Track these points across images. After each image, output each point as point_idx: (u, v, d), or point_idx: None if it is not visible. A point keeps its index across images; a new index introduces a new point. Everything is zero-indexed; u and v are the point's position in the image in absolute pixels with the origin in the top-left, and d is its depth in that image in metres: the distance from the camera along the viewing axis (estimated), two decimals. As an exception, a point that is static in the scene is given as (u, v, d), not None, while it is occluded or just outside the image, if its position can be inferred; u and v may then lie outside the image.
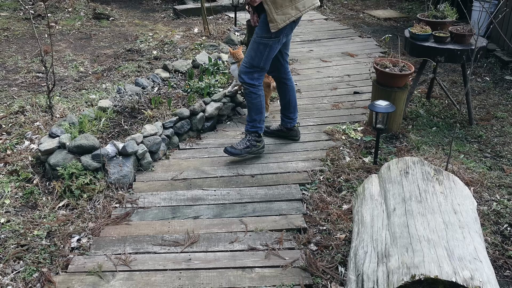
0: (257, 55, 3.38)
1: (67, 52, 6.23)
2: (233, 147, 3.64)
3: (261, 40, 3.35)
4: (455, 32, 4.25)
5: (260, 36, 3.35)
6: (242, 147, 3.63)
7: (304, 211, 3.13)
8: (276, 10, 3.22)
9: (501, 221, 3.06)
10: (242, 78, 3.48)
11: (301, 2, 3.32)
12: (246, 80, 3.46)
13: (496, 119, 4.61)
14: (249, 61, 3.42)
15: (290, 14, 3.28)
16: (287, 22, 3.28)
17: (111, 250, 2.80)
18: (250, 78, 3.46)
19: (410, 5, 8.86)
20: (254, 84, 3.49)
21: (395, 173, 2.57)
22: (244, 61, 3.47)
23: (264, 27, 3.32)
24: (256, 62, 3.40)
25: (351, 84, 5.38)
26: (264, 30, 3.33)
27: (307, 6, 3.37)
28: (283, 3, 3.24)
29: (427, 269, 1.80)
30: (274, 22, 3.24)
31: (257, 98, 3.53)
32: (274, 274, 2.60)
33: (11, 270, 2.66)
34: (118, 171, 3.38)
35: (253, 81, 3.47)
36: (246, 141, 3.65)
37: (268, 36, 3.33)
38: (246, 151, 3.63)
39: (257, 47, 3.37)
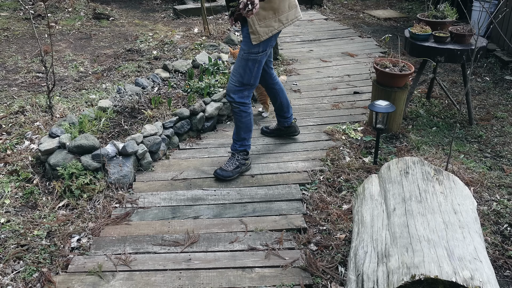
0: (247, 72, 3.23)
1: (67, 52, 6.23)
2: (223, 169, 3.49)
3: (249, 56, 3.20)
4: (455, 32, 4.25)
5: (248, 52, 3.19)
6: (232, 168, 3.49)
7: (304, 211, 3.14)
8: (259, 22, 3.09)
9: (501, 221, 3.06)
10: (232, 98, 3.31)
11: (284, 14, 3.20)
12: (236, 99, 3.30)
13: (496, 119, 4.61)
14: (239, 79, 3.25)
15: (273, 26, 3.15)
16: (270, 35, 3.16)
17: (111, 250, 2.80)
18: (240, 97, 3.31)
19: (410, 5, 8.86)
20: (245, 103, 3.34)
21: (395, 173, 2.57)
22: (233, 80, 3.28)
23: (251, 42, 3.18)
24: (246, 79, 3.25)
25: (351, 84, 5.38)
26: (251, 45, 3.19)
27: (290, 19, 3.25)
28: (267, 15, 3.11)
29: (427, 269, 1.80)
30: (256, 34, 3.11)
31: (247, 116, 3.39)
32: (274, 274, 2.60)
33: (11, 270, 2.66)
34: (118, 171, 3.38)
35: (243, 99, 3.32)
36: (235, 161, 3.51)
37: (256, 51, 3.19)
38: (236, 171, 3.50)
39: (246, 64, 3.21)
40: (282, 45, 6.57)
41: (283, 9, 3.18)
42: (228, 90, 3.33)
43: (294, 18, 3.28)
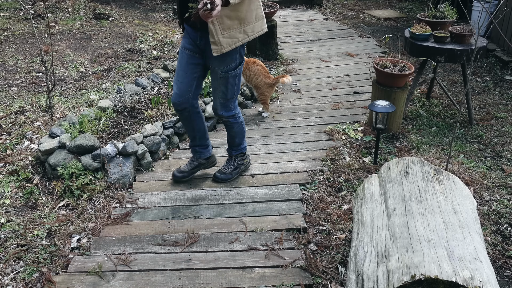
0: (229, 89, 3.09)
1: (67, 52, 6.23)
2: (222, 172, 3.47)
3: (229, 74, 3.02)
4: (455, 32, 4.25)
5: (226, 69, 2.99)
6: (231, 170, 3.47)
7: (304, 211, 3.13)
8: (223, 32, 2.80)
9: (501, 221, 3.06)
10: (221, 115, 3.21)
11: (250, 26, 2.92)
12: (225, 114, 3.21)
13: (496, 119, 4.61)
14: (223, 96, 3.12)
15: (238, 38, 2.88)
16: (233, 47, 2.88)
17: (111, 250, 2.79)
18: (228, 111, 3.20)
19: (410, 5, 8.86)
20: (234, 114, 3.25)
21: (395, 173, 2.57)
22: (217, 99, 3.15)
23: (227, 60, 2.95)
24: (230, 95, 3.13)
25: (351, 84, 5.38)
26: (228, 62, 2.97)
27: (256, 31, 2.98)
28: (232, 25, 2.82)
29: (427, 269, 1.80)
30: (218, 45, 2.81)
31: (239, 125, 3.33)
32: (274, 274, 2.60)
33: (11, 270, 2.66)
34: (118, 171, 3.38)
35: (232, 111, 3.22)
36: (233, 163, 3.49)
37: (234, 66, 3.01)
38: (236, 172, 3.49)
39: (227, 82, 3.05)
40: (282, 45, 6.57)
41: (249, 19, 2.91)
42: (214, 109, 3.23)
43: (260, 30, 3.02)
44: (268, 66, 5.60)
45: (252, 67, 4.47)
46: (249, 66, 4.48)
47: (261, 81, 4.47)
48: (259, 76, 4.46)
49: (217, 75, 3.03)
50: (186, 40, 3.03)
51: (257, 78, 4.47)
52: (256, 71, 4.47)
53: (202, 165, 3.50)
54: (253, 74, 4.47)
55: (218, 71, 3.00)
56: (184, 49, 3.04)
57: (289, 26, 7.64)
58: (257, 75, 4.46)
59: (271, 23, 5.82)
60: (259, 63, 4.55)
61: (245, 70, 4.48)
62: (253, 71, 4.47)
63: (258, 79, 4.47)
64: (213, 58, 2.92)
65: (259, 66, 4.50)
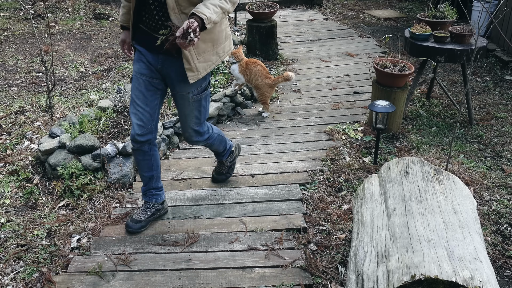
0: (203, 112, 2.86)
1: (67, 52, 6.22)
2: (219, 173, 3.43)
3: (201, 96, 2.78)
4: (455, 32, 4.25)
5: (197, 92, 2.74)
6: (226, 170, 3.41)
7: (304, 211, 3.13)
8: (199, 57, 2.58)
9: (501, 221, 3.06)
10: (197, 141, 2.98)
11: (221, 46, 2.73)
12: (201, 139, 2.98)
13: (496, 119, 4.61)
14: (197, 122, 2.86)
15: (212, 61, 2.68)
16: (208, 71, 2.69)
17: (111, 250, 2.79)
18: (203, 134, 2.96)
19: (410, 5, 8.86)
20: (209, 135, 3.03)
21: (395, 173, 2.57)
22: (190, 124, 2.85)
23: (199, 81, 2.68)
24: (203, 118, 2.89)
25: (351, 84, 5.38)
26: (199, 83, 2.71)
27: (226, 51, 2.81)
28: (206, 48, 2.61)
29: (427, 269, 1.80)
30: (195, 72, 2.59)
31: (217, 139, 3.12)
32: (274, 274, 2.60)
33: (11, 270, 2.66)
34: (118, 171, 3.38)
35: (206, 133, 2.99)
36: (226, 163, 3.39)
37: (205, 87, 2.77)
38: (231, 170, 3.45)
39: (199, 105, 2.79)
40: (282, 45, 6.57)
41: (220, 39, 2.72)
42: (189, 136, 2.93)
43: (229, 49, 2.83)
44: (268, 66, 5.60)
45: (253, 68, 4.47)
46: (249, 67, 4.48)
47: (262, 81, 4.47)
48: (259, 77, 4.46)
49: (188, 100, 2.73)
50: (141, 65, 2.68)
51: (257, 79, 4.47)
52: (257, 72, 4.47)
53: (158, 211, 3.05)
54: (253, 75, 4.47)
55: (189, 95, 2.72)
56: (140, 75, 2.68)
57: (289, 26, 7.64)
58: (258, 76, 4.46)
59: (271, 23, 5.83)
60: (259, 63, 4.55)
61: (246, 70, 4.48)
62: (254, 71, 4.47)
63: (259, 79, 4.47)
64: (181, 83, 2.65)
65: (259, 67, 4.50)
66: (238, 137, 4.22)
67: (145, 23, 2.58)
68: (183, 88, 2.69)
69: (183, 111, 2.80)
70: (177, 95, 2.75)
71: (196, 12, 2.29)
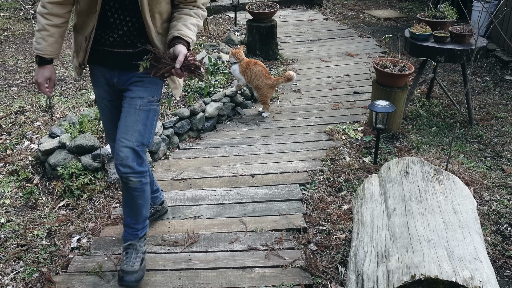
0: (148, 128, 2.36)
1: (67, 52, 6.22)
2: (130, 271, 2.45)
3: (151, 106, 2.35)
4: (455, 32, 4.25)
5: (149, 100, 2.34)
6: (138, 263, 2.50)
7: (304, 211, 3.13)
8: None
9: (501, 221, 3.06)
10: (131, 168, 2.31)
11: None
12: (137, 168, 2.33)
13: (496, 119, 4.61)
14: (140, 139, 2.32)
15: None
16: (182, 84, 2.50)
17: (111, 250, 2.79)
18: (141, 163, 2.36)
19: (410, 5, 8.86)
20: (144, 171, 2.39)
21: (395, 173, 2.57)
22: (129, 141, 2.30)
23: (153, 87, 2.36)
24: (146, 138, 2.36)
25: (351, 84, 5.38)
26: (153, 91, 2.36)
27: None
28: None
29: (427, 269, 1.80)
30: (179, 88, 2.45)
31: (148, 189, 2.49)
32: (274, 274, 2.60)
33: (11, 270, 2.66)
34: (118, 171, 3.38)
35: (144, 164, 2.40)
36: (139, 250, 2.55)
37: (157, 99, 2.40)
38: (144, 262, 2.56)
39: (147, 116, 2.34)
40: (282, 45, 6.56)
41: None
42: (123, 158, 2.29)
43: None
44: (268, 66, 5.60)
45: (254, 68, 4.48)
46: (250, 67, 4.48)
47: (262, 82, 4.47)
48: (260, 77, 4.47)
49: (135, 107, 2.31)
50: (99, 90, 2.44)
51: (258, 79, 4.47)
52: (258, 72, 4.47)
53: (158, 211, 2.99)
54: (254, 75, 4.47)
55: (139, 101, 2.31)
56: (102, 100, 2.45)
57: (289, 26, 7.64)
58: (258, 76, 4.47)
59: (271, 23, 5.83)
60: (260, 64, 4.55)
61: (246, 70, 4.48)
62: (254, 72, 4.47)
63: (259, 80, 4.47)
64: (132, 85, 2.32)
65: (260, 67, 4.51)
66: (238, 137, 4.22)
67: (99, 42, 2.26)
68: (133, 93, 2.32)
69: (125, 121, 2.31)
70: (126, 101, 2.34)
71: (181, 36, 2.15)
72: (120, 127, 2.32)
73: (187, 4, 2.29)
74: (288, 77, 4.49)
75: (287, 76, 4.50)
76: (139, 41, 2.23)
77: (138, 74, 2.27)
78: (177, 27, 2.20)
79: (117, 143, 2.32)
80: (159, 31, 2.26)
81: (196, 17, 2.27)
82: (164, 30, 2.28)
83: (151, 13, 2.18)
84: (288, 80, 4.54)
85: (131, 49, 2.26)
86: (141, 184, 2.39)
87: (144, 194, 2.45)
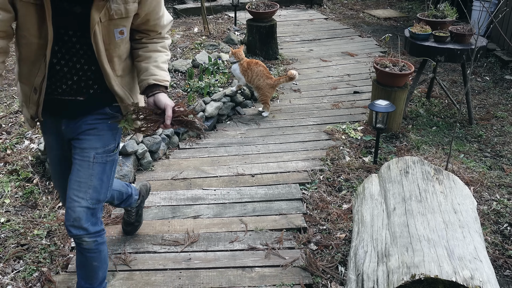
0: (105, 182, 2.05)
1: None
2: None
3: (107, 157, 2.04)
4: (455, 32, 4.25)
5: (104, 151, 2.02)
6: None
7: (304, 211, 3.13)
8: None
9: (501, 221, 3.06)
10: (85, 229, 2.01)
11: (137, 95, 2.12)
12: (91, 228, 2.03)
13: (496, 118, 4.61)
14: (96, 196, 2.02)
15: None
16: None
17: (111, 250, 2.79)
18: (95, 222, 2.06)
19: (410, 4, 8.85)
20: (99, 230, 2.09)
21: (395, 173, 2.57)
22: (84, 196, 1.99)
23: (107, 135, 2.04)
24: (103, 193, 2.06)
25: (351, 83, 5.38)
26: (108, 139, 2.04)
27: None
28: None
29: (427, 269, 1.80)
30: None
31: (105, 249, 2.17)
32: (274, 273, 2.60)
33: (11, 269, 2.66)
34: (118, 171, 3.38)
35: (99, 223, 2.10)
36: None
37: (113, 147, 2.08)
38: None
39: (103, 169, 2.03)
40: (282, 45, 6.56)
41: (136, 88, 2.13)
42: (75, 219, 1.99)
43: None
44: (268, 65, 5.60)
45: (254, 68, 4.48)
46: (251, 67, 4.48)
47: (263, 82, 4.48)
48: (261, 77, 4.47)
49: (89, 160, 1.99)
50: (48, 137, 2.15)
51: (259, 79, 4.47)
52: (259, 72, 4.47)
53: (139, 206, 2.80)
54: (255, 75, 4.47)
55: (92, 153, 1.99)
56: (50, 149, 2.18)
57: (289, 26, 7.64)
58: (259, 76, 4.47)
59: (271, 22, 5.83)
60: (261, 64, 4.55)
61: (247, 71, 4.48)
62: (255, 72, 4.47)
63: (261, 80, 4.47)
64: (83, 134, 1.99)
65: (261, 67, 4.51)
66: (238, 136, 4.22)
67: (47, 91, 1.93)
68: (85, 143, 1.99)
69: (78, 175, 1.99)
70: (77, 152, 2.01)
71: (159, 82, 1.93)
72: (72, 182, 1.99)
73: (151, 38, 2.02)
74: (290, 76, 4.49)
75: (289, 75, 4.50)
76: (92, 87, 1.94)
77: (88, 121, 1.98)
78: (150, 71, 1.94)
79: (68, 200, 1.99)
80: (119, 74, 1.96)
81: (165, 51, 2.05)
82: (124, 71, 1.99)
83: (109, 58, 1.90)
84: (290, 80, 4.55)
85: (82, 96, 1.94)
86: (97, 244, 2.09)
87: (100, 255, 2.14)
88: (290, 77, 4.51)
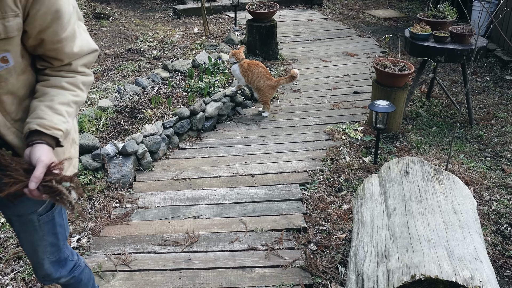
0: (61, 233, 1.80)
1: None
2: None
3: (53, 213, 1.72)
4: (455, 32, 4.25)
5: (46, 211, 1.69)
6: None
7: (304, 211, 3.13)
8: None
9: (501, 221, 3.06)
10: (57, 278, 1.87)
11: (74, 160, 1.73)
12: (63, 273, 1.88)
13: (496, 119, 4.61)
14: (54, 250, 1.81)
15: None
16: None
17: (111, 250, 2.79)
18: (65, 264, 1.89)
19: (410, 5, 8.86)
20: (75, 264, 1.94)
21: (395, 173, 2.57)
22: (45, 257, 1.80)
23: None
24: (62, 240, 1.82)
25: (351, 84, 5.38)
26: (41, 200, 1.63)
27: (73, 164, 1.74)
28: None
29: (427, 269, 1.80)
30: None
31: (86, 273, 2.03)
32: (274, 274, 2.60)
33: (11, 269, 2.65)
34: (118, 171, 3.38)
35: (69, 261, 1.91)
36: None
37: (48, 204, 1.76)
38: None
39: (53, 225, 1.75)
40: (282, 45, 6.56)
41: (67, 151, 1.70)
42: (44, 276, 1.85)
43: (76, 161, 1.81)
44: (268, 66, 5.60)
45: (255, 70, 4.48)
46: (251, 69, 4.48)
47: (264, 83, 4.48)
48: (261, 79, 4.47)
49: (33, 224, 1.70)
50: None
51: (259, 81, 4.47)
52: (259, 74, 4.48)
53: None
54: (255, 77, 4.48)
55: (33, 217, 1.68)
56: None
57: (289, 26, 7.64)
58: (260, 78, 4.47)
59: (271, 23, 5.83)
60: (261, 65, 4.56)
61: (247, 72, 4.48)
62: (256, 73, 4.47)
63: (261, 81, 4.47)
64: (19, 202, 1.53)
65: (261, 69, 4.51)
66: (238, 136, 4.22)
67: None
68: (24, 209, 1.65)
69: (29, 241, 1.75)
70: (14, 220, 1.71)
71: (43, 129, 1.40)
72: (26, 247, 1.78)
73: (56, 70, 1.50)
74: (293, 75, 4.49)
75: (292, 74, 4.49)
76: None
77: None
78: (38, 112, 1.43)
79: (31, 260, 1.82)
80: (17, 117, 1.48)
81: (73, 89, 1.50)
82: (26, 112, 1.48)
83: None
84: (290, 80, 4.55)
85: None
86: (74, 278, 1.95)
87: (81, 282, 2.00)
88: (292, 76, 4.50)
